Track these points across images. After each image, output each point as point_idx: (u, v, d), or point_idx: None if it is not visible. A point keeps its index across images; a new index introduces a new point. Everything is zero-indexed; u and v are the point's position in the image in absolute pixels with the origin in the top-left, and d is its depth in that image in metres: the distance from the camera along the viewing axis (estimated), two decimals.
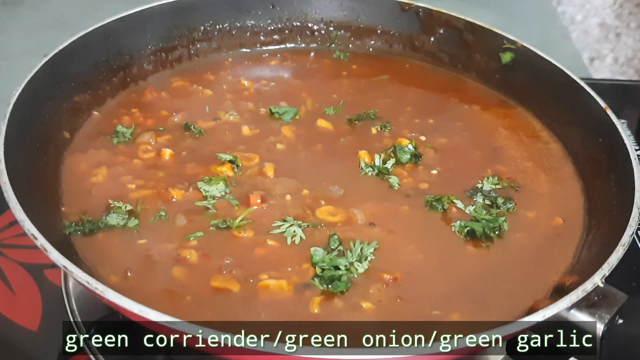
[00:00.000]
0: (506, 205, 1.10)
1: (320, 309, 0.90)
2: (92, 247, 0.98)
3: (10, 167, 0.93)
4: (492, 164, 1.20)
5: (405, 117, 1.31)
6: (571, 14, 2.57)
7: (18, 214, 0.87)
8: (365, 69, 1.48)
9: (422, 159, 1.19)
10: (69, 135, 1.17)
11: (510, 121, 1.33)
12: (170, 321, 0.75)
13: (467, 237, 1.04)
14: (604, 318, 0.85)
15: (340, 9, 1.53)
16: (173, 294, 0.91)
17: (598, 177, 1.15)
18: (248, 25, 1.50)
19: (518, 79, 1.38)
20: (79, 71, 1.23)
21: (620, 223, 0.97)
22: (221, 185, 1.08)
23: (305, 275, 0.95)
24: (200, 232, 1.01)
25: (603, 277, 0.87)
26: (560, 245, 1.05)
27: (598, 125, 1.18)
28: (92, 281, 0.79)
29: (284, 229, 1.01)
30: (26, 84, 1.09)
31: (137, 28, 1.35)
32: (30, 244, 0.85)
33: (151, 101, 1.30)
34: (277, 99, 1.33)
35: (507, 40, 1.39)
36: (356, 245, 0.99)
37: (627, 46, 2.58)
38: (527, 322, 0.81)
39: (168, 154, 1.15)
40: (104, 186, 1.08)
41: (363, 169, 1.15)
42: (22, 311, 1.14)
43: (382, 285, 0.94)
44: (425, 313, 0.92)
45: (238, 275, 0.94)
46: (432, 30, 1.49)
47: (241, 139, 1.21)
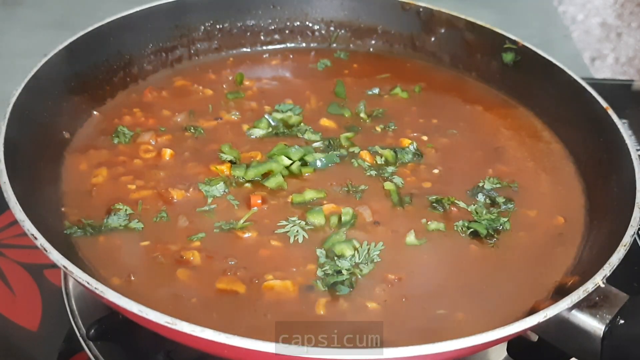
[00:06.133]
0: (507, 205, 1.10)
1: (326, 310, 0.90)
2: (93, 248, 0.97)
3: (10, 167, 0.93)
4: (493, 164, 1.20)
5: (410, 116, 1.31)
6: (572, 13, 2.57)
7: (18, 214, 0.87)
8: (367, 68, 1.48)
9: (423, 158, 1.19)
10: (69, 135, 1.17)
11: (512, 121, 1.33)
12: (170, 321, 0.75)
13: (470, 236, 1.04)
14: (605, 318, 0.85)
15: (341, 9, 1.53)
16: (178, 297, 0.91)
17: (599, 177, 1.14)
18: (249, 24, 1.49)
19: (519, 79, 1.38)
20: (79, 71, 1.23)
21: (621, 223, 0.97)
22: (221, 186, 1.08)
23: (310, 276, 0.95)
24: (203, 233, 1.00)
25: (604, 277, 0.87)
26: (562, 245, 1.05)
27: (599, 125, 1.18)
28: (92, 281, 0.79)
29: (288, 229, 1.01)
30: (26, 84, 1.09)
31: (137, 28, 1.34)
32: (30, 244, 0.85)
33: (152, 101, 1.30)
34: (280, 98, 1.33)
35: (508, 40, 1.39)
36: (363, 246, 0.99)
37: (628, 46, 2.58)
38: (528, 322, 0.80)
39: (169, 154, 1.15)
40: (104, 186, 1.08)
41: (366, 169, 1.15)
42: (22, 311, 1.14)
43: (387, 286, 0.95)
44: (431, 312, 0.92)
45: (243, 276, 0.94)
46: (433, 30, 1.49)
47: (242, 139, 1.21)
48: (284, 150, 1.14)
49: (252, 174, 1.10)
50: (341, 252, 0.97)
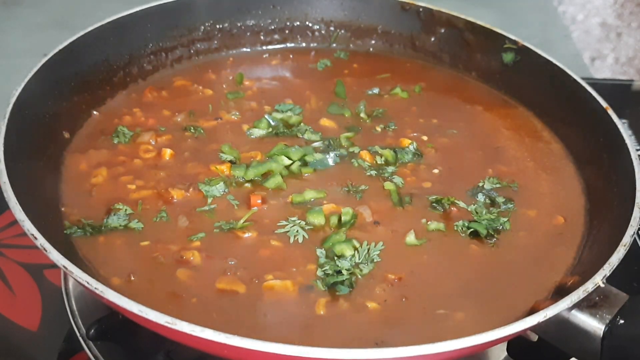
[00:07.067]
0: (507, 204, 1.10)
1: (326, 310, 0.90)
2: (93, 248, 0.97)
3: (10, 167, 0.93)
4: (493, 164, 1.20)
5: (410, 116, 1.31)
6: (572, 13, 2.57)
7: (18, 214, 0.87)
8: (367, 68, 1.48)
9: (423, 158, 1.19)
10: (69, 135, 1.17)
11: (512, 121, 1.33)
12: (170, 321, 0.75)
13: (470, 236, 1.04)
14: (605, 318, 0.85)
15: (341, 9, 1.53)
16: (178, 297, 0.91)
17: (599, 177, 1.14)
18: (249, 24, 1.49)
19: (519, 79, 1.38)
20: (78, 71, 1.23)
21: (621, 223, 0.97)
22: (221, 186, 1.08)
23: (310, 276, 0.95)
24: (203, 233, 1.00)
25: (604, 277, 0.87)
26: (562, 245, 1.05)
27: (599, 125, 1.18)
28: (92, 281, 0.79)
29: (288, 229, 1.01)
30: (26, 83, 1.09)
31: (137, 28, 1.34)
32: (30, 244, 0.85)
33: (152, 101, 1.30)
34: (280, 98, 1.33)
35: (508, 40, 1.39)
36: (363, 246, 0.99)
37: (628, 46, 2.58)
38: (528, 322, 0.80)
39: (168, 154, 1.15)
40: (104, 186, 1.08)
41: (366, 169, 1.15)
42: (22, 311, 1.14)
43: (387, 285, 0.95)
44: (431, 312, 0.92)
45: (243, 276, 0.94)
46: (433, 30, 1.49)
47: (243, 139, 1.21)
48: (283, 150, 1.14)
49: (252, 174, 1.10)
50: (341, 252, 0.97)
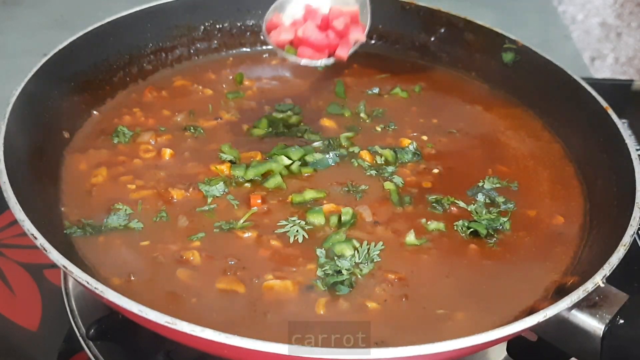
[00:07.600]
0: (507, 204, 1.10)
1: (326, 310, 0.90)
2: (92, 247, 0.97)
3: (10, 167, 0.93)
4: (493, 164, 1.20)
5: (410, 116, 1.31)
6: (572, 13, 2.57)
7: (18, 214, 0.87)
8: (367, 68, 1.47)
9: (423, 158, 1.19)
10: (69, 135, 1.17)
11: (512, 121, 1.33)
12: (170, 321, 0.75)
13: (470, 236, 1.04)
14: (605, 318, 0.85)
15: None
16: (178, 297, 0.91)
17: (599, 176, 1.14)
18: (248, 24, 1.49)
19: (519, 79, 1.38)
20: (78, 71, 1.23)
21: (621, 223, 0.97)
22: (221, 186, 1.08)
23: (310, 276, 0.95)
24: (203, 233, 1.00)
25: (604, 277, 0.87)
26: (562, 245, 1.05)
27: (599, 125, 1.18)
28: (92, 281, 0.79)
29: (288, 229, 1.01)
30: (26, 83, 1.09)
31: (137, 28, 1.34)
32: (30, 244, 0.85)
33: (152, 101, 1.30)
34: (280, 97, 1.33)
35: (507, 40, 1.39)
36: (363, 246, 0.99)
37: (628, 46, 2.58)
38: (528, 322, 0.80)
39: (168, 153, 1.15)
40: (104, 186, 1.08)
41: (366, 168, 1.15)
42: (22, 311, 1.14)
43: (387, 285, 0.95)
44: (431, 312, 0.92)
45: (243, 276, 0.94)
46: (432, 29, 1.49)
47: (242, 139, 1.21)
48: (283, 150, 1.14)
49: (252, 174, 1.10)
50: (341, 252, 0.97)
